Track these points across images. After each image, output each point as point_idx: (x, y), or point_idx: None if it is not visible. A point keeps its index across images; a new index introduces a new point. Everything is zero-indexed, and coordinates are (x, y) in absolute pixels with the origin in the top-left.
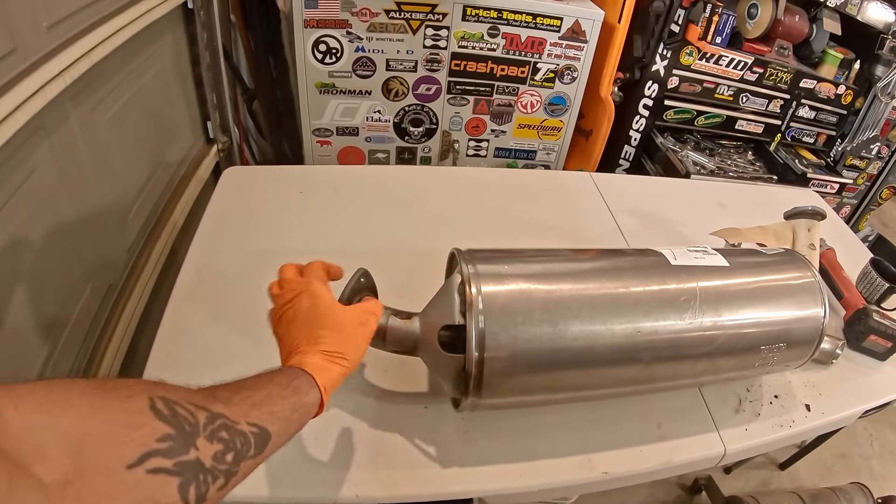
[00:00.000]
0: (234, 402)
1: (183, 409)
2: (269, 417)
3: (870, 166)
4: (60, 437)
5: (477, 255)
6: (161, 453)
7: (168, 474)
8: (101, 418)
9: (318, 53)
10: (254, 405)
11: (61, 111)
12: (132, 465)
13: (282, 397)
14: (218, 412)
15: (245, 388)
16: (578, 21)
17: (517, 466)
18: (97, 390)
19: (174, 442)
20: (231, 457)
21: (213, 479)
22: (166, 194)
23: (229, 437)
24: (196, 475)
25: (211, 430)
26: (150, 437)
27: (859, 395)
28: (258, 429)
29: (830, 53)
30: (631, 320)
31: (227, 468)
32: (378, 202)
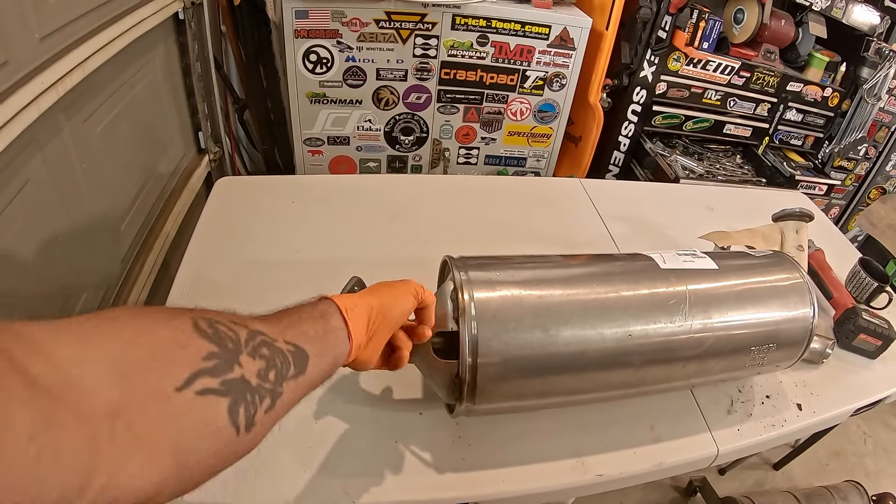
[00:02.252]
0: (270, 322)
1: (224, 326)
2: (303, 337)
3: (857, 167)
4: (107, 366)
5: (469, 262)
6: (208, 372)
7: (217, 395)
8: (147, 341)
9: (308, 63)
10: (287, 326)
11: (54, 123)
12: (181, 387)
13: (311, 319)
14: (257, 329)
15: (276, 315)
16: (566, 29)
17: (512, 470)
18: (140, 316)
19: (219, 360)
20: (273, 375)
21: (259, 400)
22: (158, 205)
23: (270, 354)
24: (244, 394)
25: (252, 346)
26: (196, 355)
27: (850, 394)
28: (295, 347)
29: (816, 56)
30: (621, 324)
31: (271, 387)
32: (370, 211)
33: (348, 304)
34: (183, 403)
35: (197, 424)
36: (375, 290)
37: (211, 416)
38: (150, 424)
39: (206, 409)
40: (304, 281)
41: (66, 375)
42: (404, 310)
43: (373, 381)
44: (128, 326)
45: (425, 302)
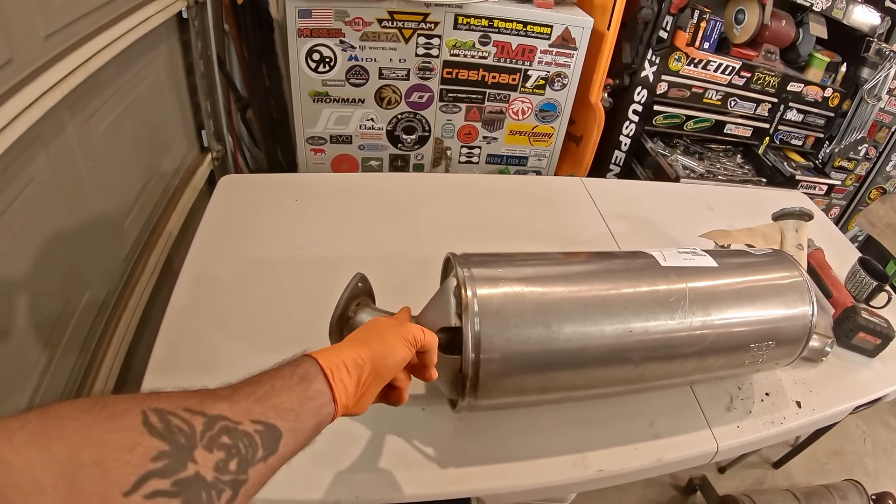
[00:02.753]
0: (236, 400)
1: (177, 418)
2: (274, 412)
3: (858, 167)
4: (55, 469)
5: (472, 258)
6: (157, 474)
7: (167, 496)
8: (93, 443)
9: (311, 62)
10: (257, 400)
11: (58, 121)
12: (128, 492)
13: (287, 388)
14: (217, 414)
15: (248, 385)
16: (568, 29)
17: (514, 466)
18: (88, 413)
19: (170, 459)
20: (235, 464)
21: (217, 494)
22: (161, 203)
23: (231, 442)
24: (198, 493)
25: (210, 437)
26: (144, 457)
27: (849, 392)
28: (264, 426)
29: (817, 57)
30: (622, 321)
31: (232, 478)
32: (372, 209)
33: (334, 362)
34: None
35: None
36: (367, 340)
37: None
38: None
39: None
40: (306, 278)
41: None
42: (399, 362)
43: None
44: (74, 427)
45: (426, 347)
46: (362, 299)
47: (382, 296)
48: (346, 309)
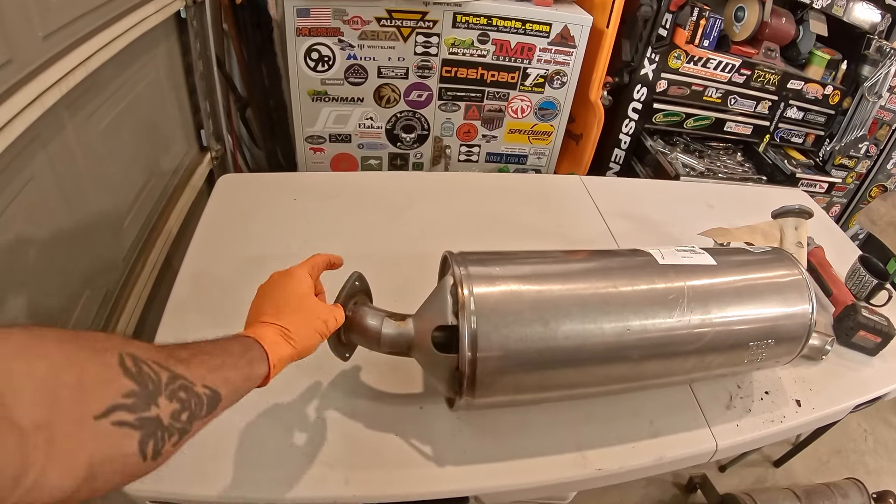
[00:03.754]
0: (193, 365)
1: (148, 367)
2: (222, 382)
3: (858, 165)
4: (37, 383)
5: (469, 257)
6: (126, 408)
7: (131, 428)
8: (75, 369)
9: (310, 61)
10: (210, 369)
11: (57, 121)
12: (99, 416)
13: (236, 367)
14: (179, 373)
15: (203, 353)
16: (567, 27)
17: (512, 464)
18: (72, 342)
19: (138, 398)
20: (186, 416)
21: (168, 436)
22: (161, 202)
23: (186, 398)
24: (155, 431)
25: (171, 389)
26: (117, 391)
27: (849, 391)
28: (211, 391)
29: (817, 54)
30: (620, 319)
31: (181, 426)
32: (371, 208)
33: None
34: (99, 430)
35: (109, 449)
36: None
37: (122, 444)
38: (68, 442)
39: (119, 438)
40: None
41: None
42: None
43: (374, 375)
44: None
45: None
46: (359, 298)
47: (381, 294)
48: (344, 308)
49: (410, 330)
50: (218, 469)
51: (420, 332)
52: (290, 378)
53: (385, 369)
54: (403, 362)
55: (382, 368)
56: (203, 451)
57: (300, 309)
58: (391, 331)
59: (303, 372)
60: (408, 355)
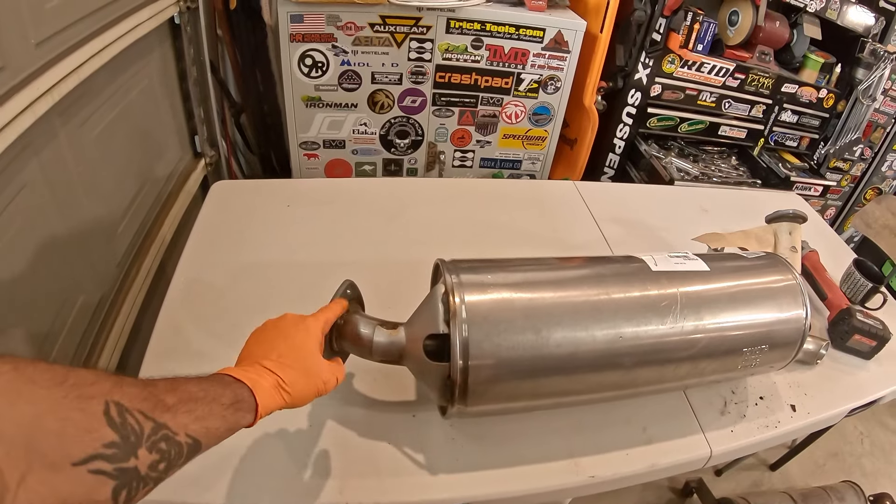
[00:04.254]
0: (179, 413)
1: (132, 417)
2: (205, 432)
3: (853, 168)
4: (18, 425)
5: (460, 265)
6: (105, 458)
7: (107, 477)
8: (58, 416)
9: (304, 67)
10: (195, 419)
11: (50, 128)
12: (77, 464)
13: (222, 417)
14: (162, 423)
15: (191, 399)
16: (561, 32)
17: (505, 472)
18: (59, 386)
19: (118, 450)
20: (164, 466)
21: (143, 485)
22: (154, 209)
23: (167, 448)
24: (130, 481)
25: (153, 441)
26: (98, 441)
27: (845, 395)
28: (193, 441)
29: (811, 58)
30: (613, 326)
31: (157, 475)
32: (365, 214)
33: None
34: (74, 476)
35: (83, 495)
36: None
37: (97, 491)
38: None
39: (94, 485)
40: (299, 284)
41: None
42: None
43: (366, 383)
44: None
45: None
46: (351, 306)
47: (375, 301)
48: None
49: (402, 338)
50: (210, 478)
51: (412, 341)
52: None
53: (378, 377)
54: (396, 370)
55: (375, 376)
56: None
57: (304, 366)
58: (383, 339)
59: None
60: (400, 363)
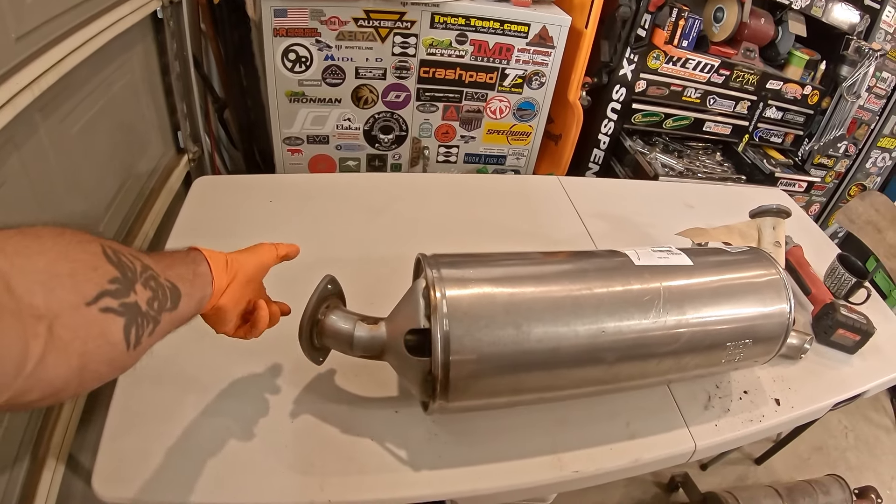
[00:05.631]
0: (154, 260)
1: (125, 257)
2: (178, 278)
3: (837, 164)
4: (37, 276)
5: (441, 259)
6: (111, 294)
7: (115, 314)
8: (68, 259)
9: (287, 62)
10: (165, 267)
11: (31, 123)
12: (90, 303)
13: (184, 263)
14: (147, 264)
15: (153, 257)
16: (546, 27)
17: (488, 468)
18: (62, 236)
19: (120, 285)
20: (157, 305)
21: (146, 324)
22: (137, 205)
23: (156, 287)
24: (136, 317)
25: (145, 277)
26: (104, 277)
27: (829, 389)
28: (172, 285)
29: (796, 55)
30: (595, 321)
31: (154, 315)
32: (348, 210)
33: (215, 255)
34: (90, 316)
35: (98, 336)
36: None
37: (109, 331)
38: (64, 330)
39: (106, 325)
40: (282, 279)
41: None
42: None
43: (348, 379)
44: (52, 245)
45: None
46: (332, 301)
47: (357, 297)
48: (316, 311)
49: (383, 333)
50: (191, 475)
51: (393, 336)
52: (263, 382)
53: (361, 373)
54: (378, 366)
55: (358, 372)
56: (177, 456)
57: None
58: (364, 334)
59: (277, 376)
60: (381, 359)
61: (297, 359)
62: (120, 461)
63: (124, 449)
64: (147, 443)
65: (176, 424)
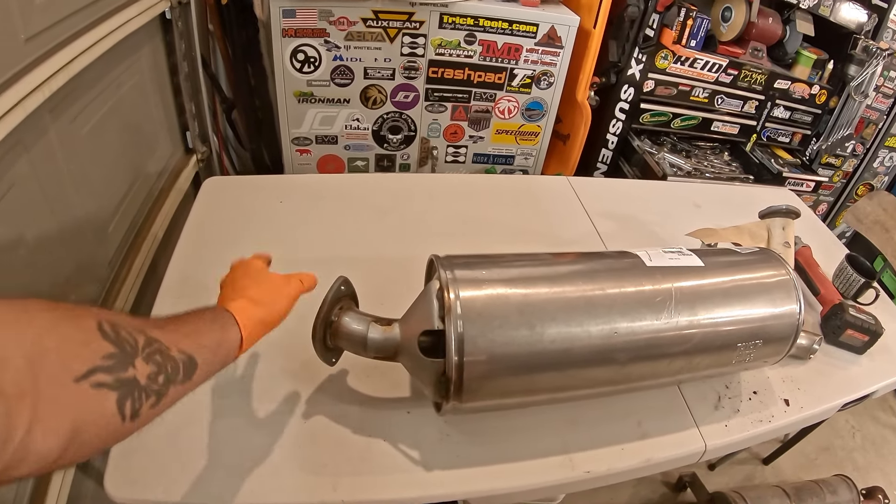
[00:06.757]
0: (168, 331)
1: (125, 331)
2: (196, 347)
3: (845, 164)
4: (22, 350)
5: (455, 260)
6: (104, 369)
7: (109, 389)
8: (57, 334)
9: (296, 62)
10: (185, 336)
11: (40, 125)
12: (79, 379)
13: (210, 331)
14: (154, 337)
15: (177, 321)
16: (554, 27)
17: (500, 468)
18: (53, 311)
19: (116, 360)
20: (162, 378)
21: (146, 397)
22: (146, 206)
23: (162, 361)
24: (132, 391)
25: (148, 352)
26: (96, 353)
27: (837, 389)
28: (187, 357)
29: (804, 54)
30: (607, 321)
31: (158, 388)
32: (358, 210)
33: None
34: (79, 392)
35: (89, 410)
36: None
37: (102, 405)
38: (51, 406)
39: (98, 399)
40: None
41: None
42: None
43: (360, 380)
44: (39, 319)
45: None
46: (345, 303)
47: (367, 297)
48: (329, 313)
49: (397, 335)
50: (203, 476)
51: (406, 337)
52: (276, 383)
53: (373, 374)
54: (390, 366)
55: (370, 373)
56: (190, 457)
57: (259, 280)
58: (377, 336)
59: (290, 377)
60: (394, 360)
61: (309, 359)
62: (132, 462)
63: (136, 449)
64: (159, 443)
65: (188, 425)
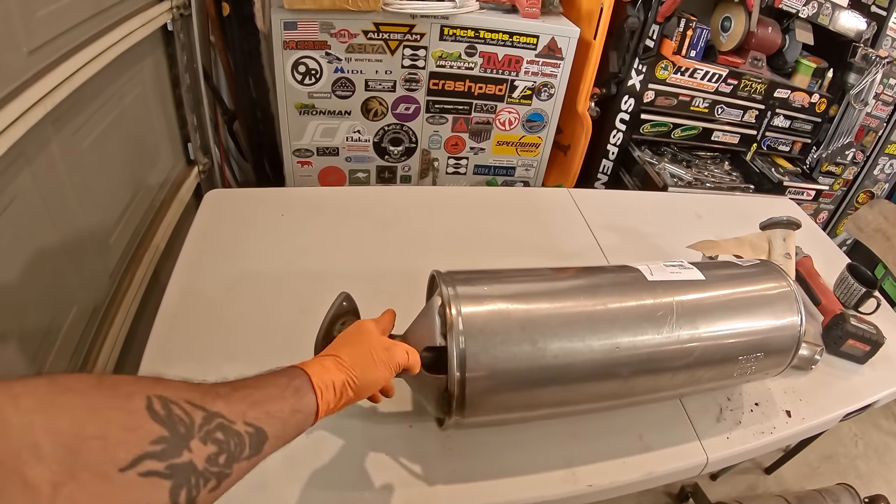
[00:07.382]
0: (234, 400)
1: (179, 408)
2: (266, 418)
3: (845, 172)
4: (57, 438)
5: (456, 276)
6: (154, 456)
7: (160, 477)
8: (99, 419)
9: (297, 74)
10: (252, 404)
11: (42, 137)
12: (125, 468)
13: (282, 398)
14: (215, 411)
15: (246, 387)
16: (554, 38)
17: (502, 482)
18: (96, 389)
19: (168, 444)
20: (224, 458)
21: (204, 482)
22: (147, 218)
23: (224, 438)
24: (188, 478)
25: (206, 430)
26: (144, 439)
27: (839, 399)
28: (254, 429)
29: (803, 63)
30: (609, 336)
31: (219, 470)
32: (359, 223)
33: (325, 382)
34: (125, 483)
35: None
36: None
37: (152, 496)
38: (91, 500)
39: (147, 490)
40: (293, 294)
41: (17, 446)
42: (379, 385)
43: None
44: (83, 402)
45: (409, 370)
46: (347, 318)
47: (370, 312)
48: (331, 329)
49: None
50: None
51: None
52: None
53: None
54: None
55: None
56: None
57: (358, 342)
58: None
59: None
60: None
61: None
62: None
63: None
64: None
65: None
